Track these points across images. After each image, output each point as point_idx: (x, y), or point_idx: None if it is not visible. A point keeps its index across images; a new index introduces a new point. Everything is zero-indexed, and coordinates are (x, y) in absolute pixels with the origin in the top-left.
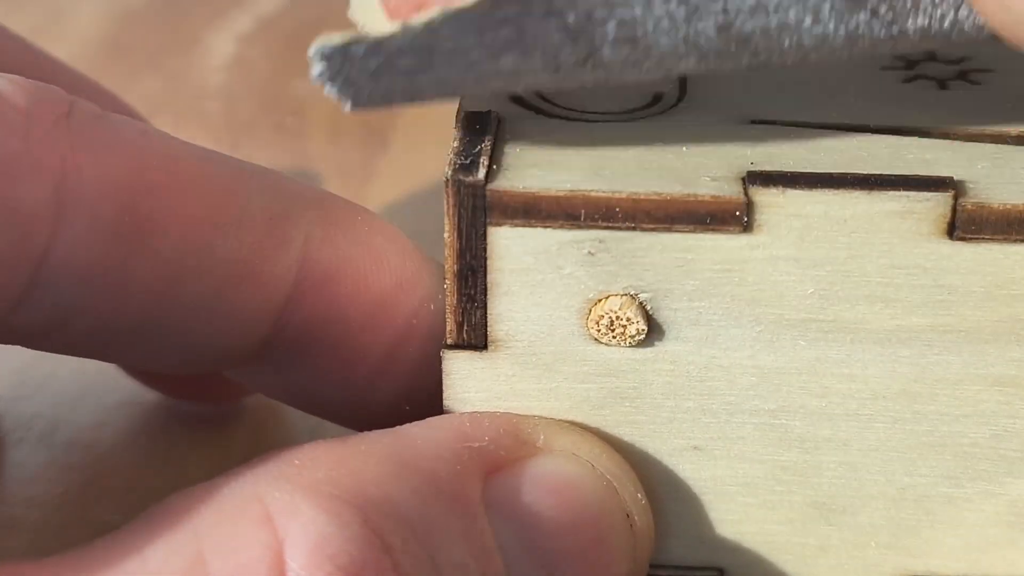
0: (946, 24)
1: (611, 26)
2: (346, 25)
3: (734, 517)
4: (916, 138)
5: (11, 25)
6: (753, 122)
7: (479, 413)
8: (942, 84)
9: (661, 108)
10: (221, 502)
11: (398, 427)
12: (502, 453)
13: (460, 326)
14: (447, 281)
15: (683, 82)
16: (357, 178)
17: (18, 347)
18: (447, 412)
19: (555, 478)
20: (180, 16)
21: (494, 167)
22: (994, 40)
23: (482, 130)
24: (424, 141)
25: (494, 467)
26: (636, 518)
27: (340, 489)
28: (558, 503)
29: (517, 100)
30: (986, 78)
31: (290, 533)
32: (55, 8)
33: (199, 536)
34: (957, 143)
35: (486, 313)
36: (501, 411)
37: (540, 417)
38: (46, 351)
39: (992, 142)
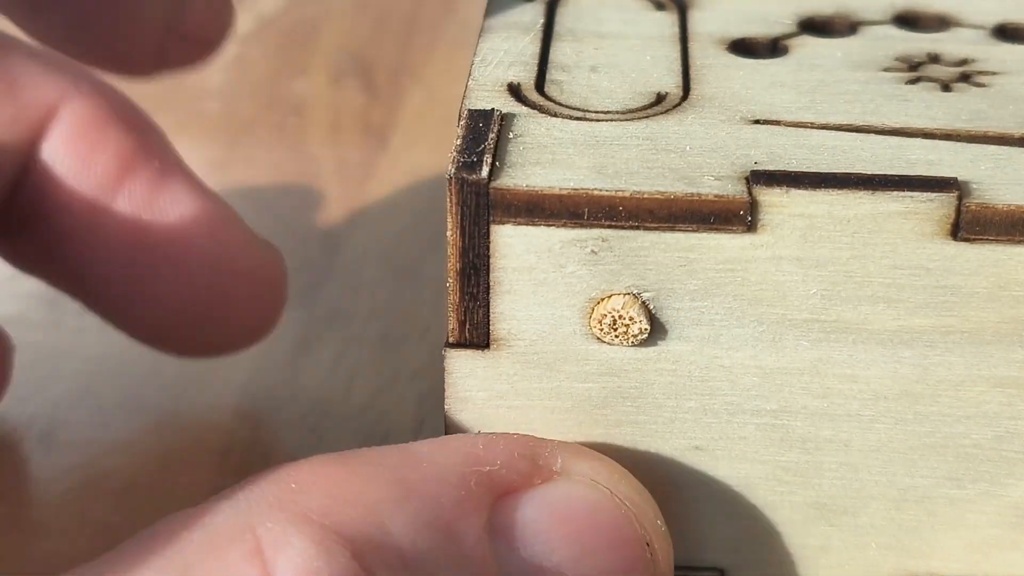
0: None
1: None
2: (344, 25)
3: (735, 517)
4: (919, 139)
5: (11, 25)
6: (756, 122)
7: (496, 435)
8: (945, 86)
9: (664, 107)
10: (212, 530)
11: (407, 445)
12: (515, 477)
13: (462, 325)
14: (449, 280)
15: (686, 82)
16: (357, 178)
17: (18, 348)
18: (448, 411)
19: (570, 505)
20: None
21: (497, 165)
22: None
23: (485, 128)
24: (424, 140)
25: (505, 492)
26: (656, 547)
27: (334, 519)
28: (571, 532)
29: (520, 98)
30: (990, 80)
31: (278, 568)
32: None
33: (188, 566)
34: (961, 144)
35: (488, 312)
36: (518, 433)
37: (560, 442)
38: None
39: (996, 143)
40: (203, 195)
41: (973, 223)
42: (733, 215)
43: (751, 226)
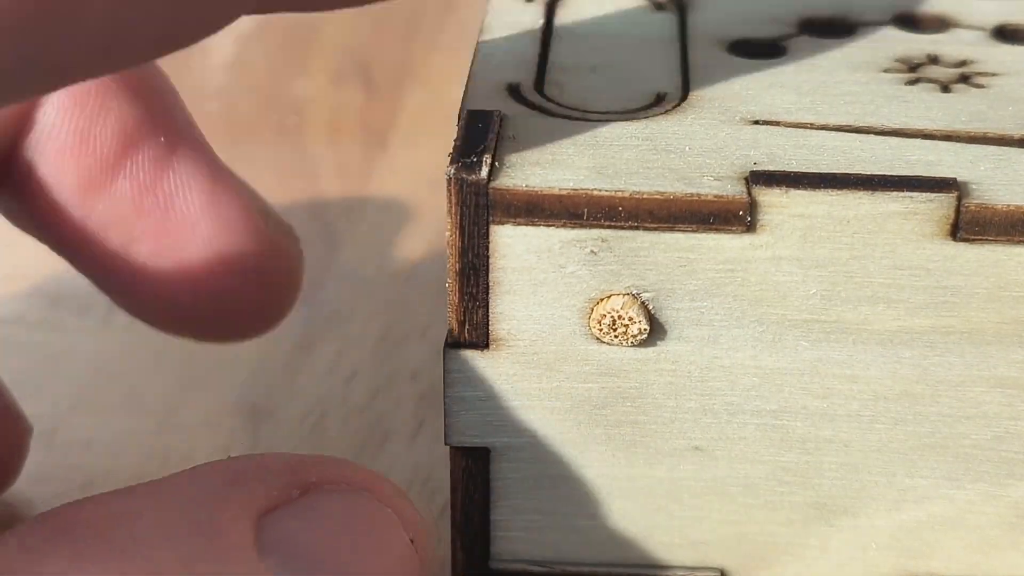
0: None
1: None
2: (344, 25)
3: (735, 518)
4: (919, 140)
5: None
6: (756, 123)
7: (249, 455)
8: (945, 87)
9: (664, 108)
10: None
11: (167, 478)
12: (275, 492)
13: (462, 325)
14: (449, 280)
15: (686, 82)
16: (356, 178)
17: (18, 348)
18: (448, 411)
19: (331, 512)
20: None
21: (496, 166)
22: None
23: (484, 129)
24: (424, 141)
25: (268, 507)
26: (419, 543)
27: (117, 557)
28: (336, 537)
29: (520, 99)
30: (989, 81)
31: None
32: None
33: None
34: (960, 145)
35: (488, 312)
36: (285, 453)
37: (315, 455)
38: None
39: (996, 144)
40: (212, 176)
41: (972, 223)
42: (733, 215)
43: (751, 226)
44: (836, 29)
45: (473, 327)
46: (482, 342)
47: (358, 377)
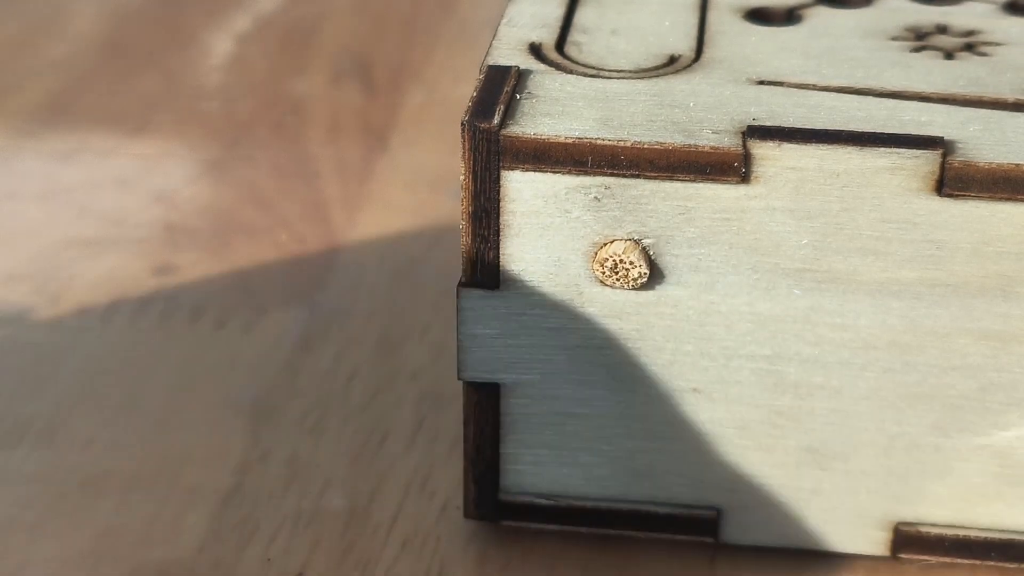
0: None
1: None
2: (344, 25)
3: (731, 459)
4: (915, 102)
5: (10, 25)
6: (761, 83)
7: None
8: (948, 54)
9: (676, 68)
10: None
11: None
12: None
13: (474, 265)
14: (462, 222)
15: (700, 45)
16: (355, 177)
17: (18, 348)
18: (460, 347)
19: None
20: (178, 15)
21: (509, 115)
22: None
23: (501, 82)
24: (424, 140)
25: None
26: None
27: None
28: None
29: (540, 57)
30: (993, 50)
31: None
32: (54, 7)
33: None
34: (955, 107)
35: (498, 253)
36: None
37: None
38: None
39: (989, 107)
40: None
41: (956, 180)
42: (728, 166)
43: (745, 177)
44: None
45: (484, 267)
46: (493, 282)
47: (358, 377)
